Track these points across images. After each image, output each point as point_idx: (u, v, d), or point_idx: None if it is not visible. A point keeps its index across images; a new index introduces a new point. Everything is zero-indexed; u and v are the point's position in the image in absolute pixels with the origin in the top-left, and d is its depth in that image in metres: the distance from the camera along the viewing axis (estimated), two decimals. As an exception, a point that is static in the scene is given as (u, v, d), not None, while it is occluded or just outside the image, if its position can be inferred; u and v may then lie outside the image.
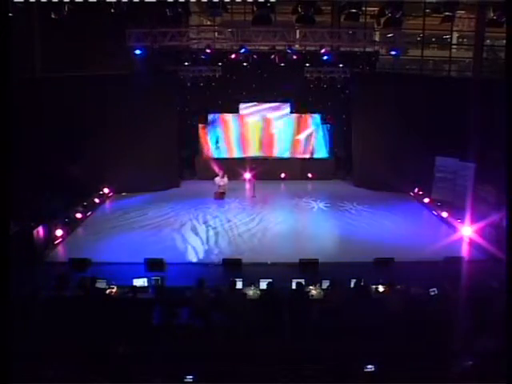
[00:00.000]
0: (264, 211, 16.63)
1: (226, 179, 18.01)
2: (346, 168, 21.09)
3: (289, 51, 17.02)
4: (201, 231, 14.56)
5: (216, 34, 18.60)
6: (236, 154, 21.30)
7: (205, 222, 15.39)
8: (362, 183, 19.60)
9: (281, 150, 21.35)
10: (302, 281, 9.20)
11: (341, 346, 7.37)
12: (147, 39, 15.59)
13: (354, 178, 20.27)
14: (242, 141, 21.26)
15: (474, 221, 13.73)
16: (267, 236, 14.23)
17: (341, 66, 19.01)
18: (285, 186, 20.06)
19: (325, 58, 17.82)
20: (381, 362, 6.59)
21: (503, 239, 10.91)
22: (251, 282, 9.72)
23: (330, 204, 17.43)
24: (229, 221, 15.54)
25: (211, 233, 14.44)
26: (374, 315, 7.96)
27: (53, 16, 12.34)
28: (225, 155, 21.19)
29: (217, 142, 21.12)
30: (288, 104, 20.88)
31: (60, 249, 13.22)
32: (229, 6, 14.57)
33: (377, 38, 17.66)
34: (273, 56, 17.63)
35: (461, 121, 16.16)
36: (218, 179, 18.01)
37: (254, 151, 21.25)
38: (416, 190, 18.00)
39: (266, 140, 21.32)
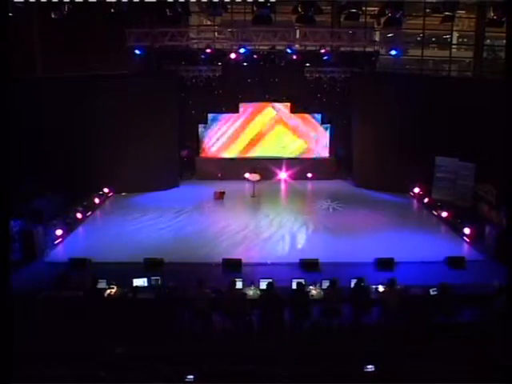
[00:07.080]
0: (265, 211, 16.64)
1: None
2: (347, 168, 21.07)
3: (289, 51, 17.01)
4: (202, 231, 14.56)
5: (216, 33, 18.61)
6: (236, 154, 21.26)
7: (206, 222, 15.39)
8: (362, 183, 19.57)
9: (282, 150, 21.30)
10: (302, 281, 9.21)
11: (341, 346, 7.38)
12: (147, 39, 15.62)
13: (355, 178, 20.26)
14: (242, 141, 21.23)
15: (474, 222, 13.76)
16: (266, 237, 14.23)
17: (341, 66, 19.01)
18: (285, 186, 20.02)
19: (325, 58, 17.83)
20: (381, 362, 6.59)
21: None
22: (251, 281, 9.74)
23: (331, 204, 17.41)
24: (227, 221, 15.55)
25: (213, 233, 14.45)
26: (374, 315, 7.97)
27: (53, 16, 12.36)
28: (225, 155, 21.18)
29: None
30: (288, 104, 20.85)
31: (60, 249, 13.22)
32: (229, 6, 14.57)
33: (377, 38, 17.67)
34: (273, 56, 17.62)
35: (461, 121, 16.15)
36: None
37: (254, 151, 21.21)
38: (416, 189, 18.00)
39: (267, 140, 21.29)
